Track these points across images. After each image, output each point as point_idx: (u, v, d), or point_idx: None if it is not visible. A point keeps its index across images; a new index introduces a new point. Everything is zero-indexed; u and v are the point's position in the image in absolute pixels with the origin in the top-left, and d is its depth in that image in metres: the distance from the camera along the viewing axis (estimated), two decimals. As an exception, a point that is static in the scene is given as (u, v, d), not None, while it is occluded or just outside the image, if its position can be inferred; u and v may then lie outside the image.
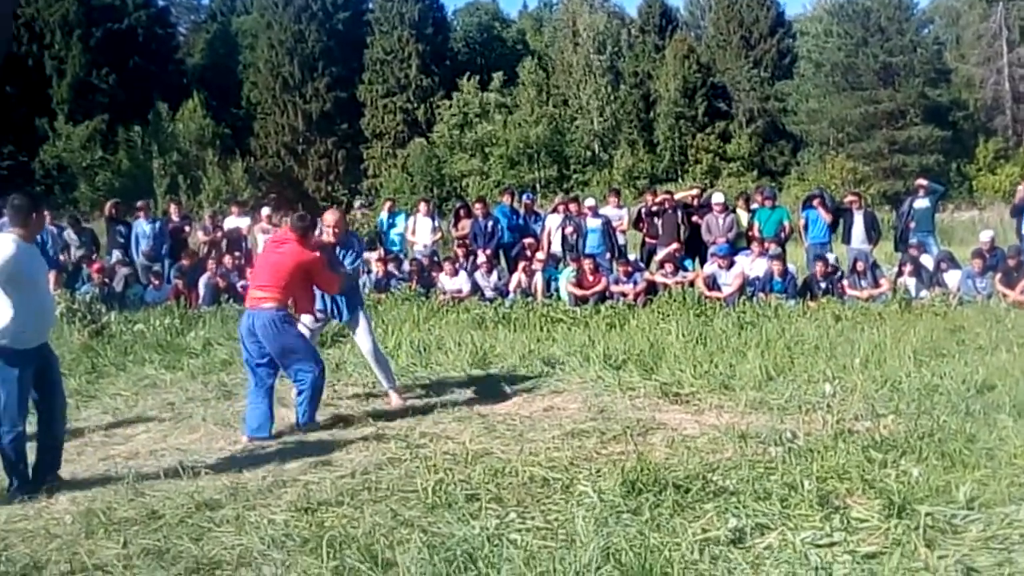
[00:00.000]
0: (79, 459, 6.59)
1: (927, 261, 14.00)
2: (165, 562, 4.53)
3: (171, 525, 5.05)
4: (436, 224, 16.82)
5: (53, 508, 5.44)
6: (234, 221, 17.11)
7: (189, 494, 5.52)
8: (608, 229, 15.00)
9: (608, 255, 14.74)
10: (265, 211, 17.67)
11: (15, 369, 5.61)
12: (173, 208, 17.42)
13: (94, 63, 45.55)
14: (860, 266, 13.60)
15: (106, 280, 14.37)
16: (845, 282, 13.55)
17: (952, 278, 13.35)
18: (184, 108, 44.74)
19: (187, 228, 16.67)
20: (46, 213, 13.72)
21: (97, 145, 42.11)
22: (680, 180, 41.78)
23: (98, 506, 5.34)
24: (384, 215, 17.03)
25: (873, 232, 14.80)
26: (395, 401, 7.90)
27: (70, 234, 15.78)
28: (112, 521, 5.12)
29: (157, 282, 14.69)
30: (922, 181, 15.65)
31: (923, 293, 13.26)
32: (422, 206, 16.67)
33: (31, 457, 5.86)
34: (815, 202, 15.19)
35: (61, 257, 14.78)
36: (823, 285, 13.43)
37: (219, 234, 16.39)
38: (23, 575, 4.48)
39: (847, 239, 14.85)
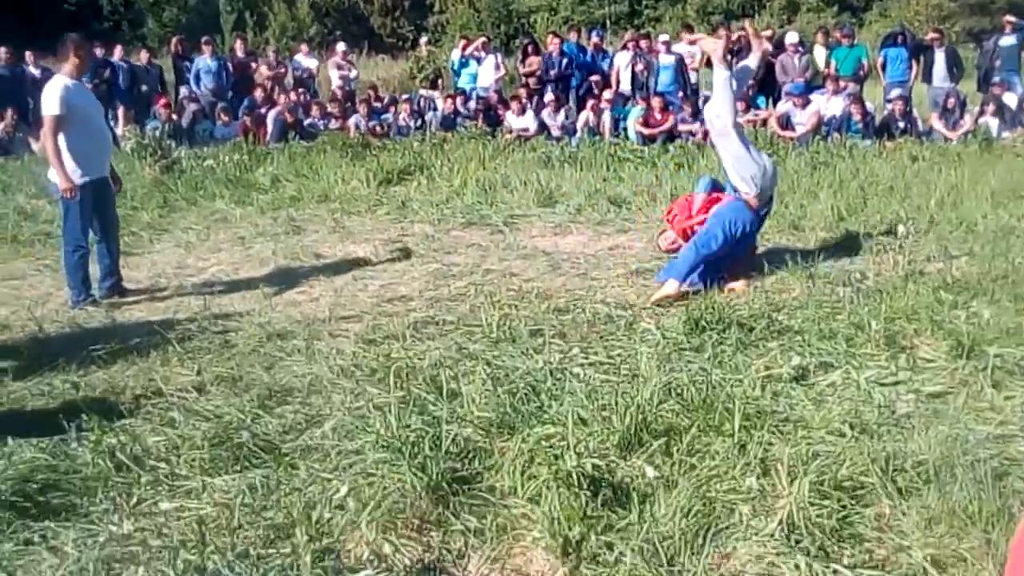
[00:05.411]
0: (153, 290, 6.77)
1: (1011, 100, 13.39)
2: (238, 389, 4.65)
3: (243, 354, 5.18)
4: (499, 61, 16.46)
5: (131, 339, 5.58)
6: (304, 60, 17.12)
7: (260, 325, 5.66)
8: (681, 67, 14.57)
9: (680, 93, 14.35)
10: (341, 47, 17.52)
11: (79, 196, 6.24)
12: (239, 44, 17.25)
13: None
14: (951, 103, 13.14)
15: (174, 115, 14.42)
16: (934, 114, 13.24)
17: (1037, 118, 12.85)
18: (251, -58, 43.96)
19: (253, 64, 16.53)
20: (96, 50, 13.88)
21: (164, -20, 41.70)
22: (757, 15, 40.25)
23: (173, 335, 5.49)
24: (457, 54, 16.62)
25: (955, 70, 14.14)
26: None
27: (140, 67, 15.72)
28: (186, 350, 5.27)
29: (226, 118, 14.67)
30: (1009, 17, 14.77)
31: (1005, 134, 12.77)
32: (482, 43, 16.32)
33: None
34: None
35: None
36: (901, 125, 12.99)
37: (283, 70, 16.34)
38: (101, 399, 4.62)
39: (928, 78, 14.24)
